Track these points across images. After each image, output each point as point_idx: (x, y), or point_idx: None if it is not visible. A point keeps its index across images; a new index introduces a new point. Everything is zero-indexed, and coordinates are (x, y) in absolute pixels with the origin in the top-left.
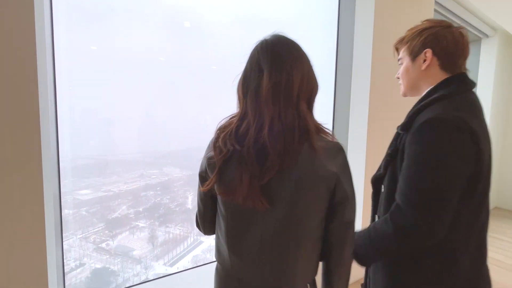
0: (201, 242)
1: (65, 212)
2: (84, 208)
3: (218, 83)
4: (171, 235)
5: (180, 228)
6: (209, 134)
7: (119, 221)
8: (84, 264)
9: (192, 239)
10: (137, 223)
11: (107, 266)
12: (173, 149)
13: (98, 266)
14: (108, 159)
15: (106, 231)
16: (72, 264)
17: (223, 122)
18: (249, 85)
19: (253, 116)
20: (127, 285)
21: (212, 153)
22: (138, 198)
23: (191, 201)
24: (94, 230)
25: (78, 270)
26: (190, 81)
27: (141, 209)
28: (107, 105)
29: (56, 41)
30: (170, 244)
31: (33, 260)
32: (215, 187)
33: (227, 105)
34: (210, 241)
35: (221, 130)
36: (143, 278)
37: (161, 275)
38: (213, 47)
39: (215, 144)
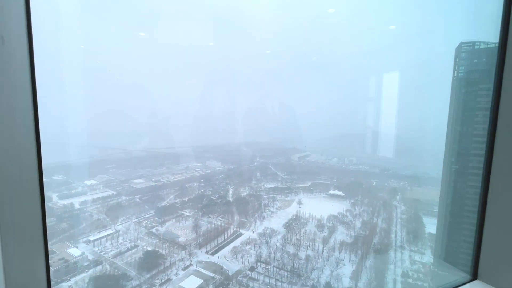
0: (240, 234)
1: (122, 198)
2: (138, 196)
3: (274, 69)
4: (213, 225)
5: (221, 219)
6: (250, 129)
7: (167, 209)
8: (138, 245)
9: (232, 231)
10: (182, 212)
11: (156, 249)
12: (215, 144)
13: (149, 248)
14: (158, 152)
15: (156, 218)
16: (128, 245)
17: None
18: None
19: None
20: (173, 269)
21: None
22: (183, 189)
23: (232, 194)
24: (146, 216)
25: (133, 250)
26: (240, 69)
27: (186, 199)
28: (156, 100)
29: (98, 28)
30: (212, 234)
31: None
32: None
33: (277, 97)
34: (249, 234)
35: None
36: (187, 264)
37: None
38: (265, 33)
39: None
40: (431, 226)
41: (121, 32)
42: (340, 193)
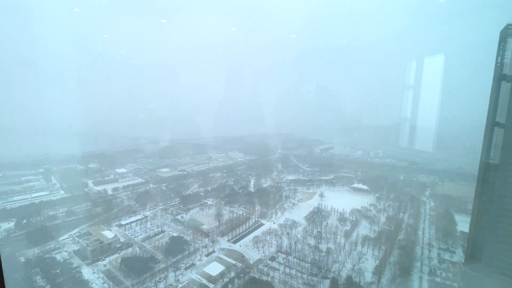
0: (261, 225)
1: (150, 186)
2: (164, 184)
3: (299, 55)
4: (234, 214)
5: (243, 209)
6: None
7: (191, 197)
8: (164, 231)
9: (253, 221)
10: (206, 201)
11: (181, 235)
12: (237, 135)
13: (175, 234)
14: (183, 143)
15: (181, 205)
16: (155, 230)
17: None
18: None
19: None
20: (197, 254)
21: None
22: (207, 178)
23: (253, 185)
24: (172, 204)
25: (160, 235)
26: (263, 56)
27: (209, 189)
28: (179, 90)
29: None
30: (233, 223)
31: None
32: None
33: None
34: (270, 224)
35: None
36: (210, 250)
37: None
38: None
39: None
40: (463, 224)
41: (144, 20)
42: (364, 187)
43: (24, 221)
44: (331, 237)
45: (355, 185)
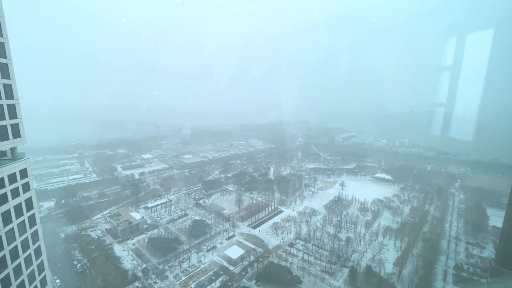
0: (280, 212)
1: (174, 171)
2: (187, 170)
3: (322, 34)
4: (254, 200)
5: (262, 196)
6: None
7: (212, 183)
8: (187, 214)
9: (272, 207)
10: (226, 187)
11: (203, 219)
12: (257, 123)
13: (197, 218)
14: (205, 130)
15: (203, 191)
16: (179, 213)
17: None
18: None
19: None
20: (218, 238)
21: None
22: (228, 165)
23: (273, 172)
24: (195, 189)
25: (183, 218)
26: (284, 36)
27: (230, 175)
28: (198, 76)
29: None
30: (253, 209)
31: None
32: None
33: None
34: (289, 211)
35: None
36: (230, 234)
37: (245, 234)
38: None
39: None
40: (496, 218)
41: (160, 2)
42: (388, 177)
43: (63, 201)
44: (351, 226)
45: (378, 174)
